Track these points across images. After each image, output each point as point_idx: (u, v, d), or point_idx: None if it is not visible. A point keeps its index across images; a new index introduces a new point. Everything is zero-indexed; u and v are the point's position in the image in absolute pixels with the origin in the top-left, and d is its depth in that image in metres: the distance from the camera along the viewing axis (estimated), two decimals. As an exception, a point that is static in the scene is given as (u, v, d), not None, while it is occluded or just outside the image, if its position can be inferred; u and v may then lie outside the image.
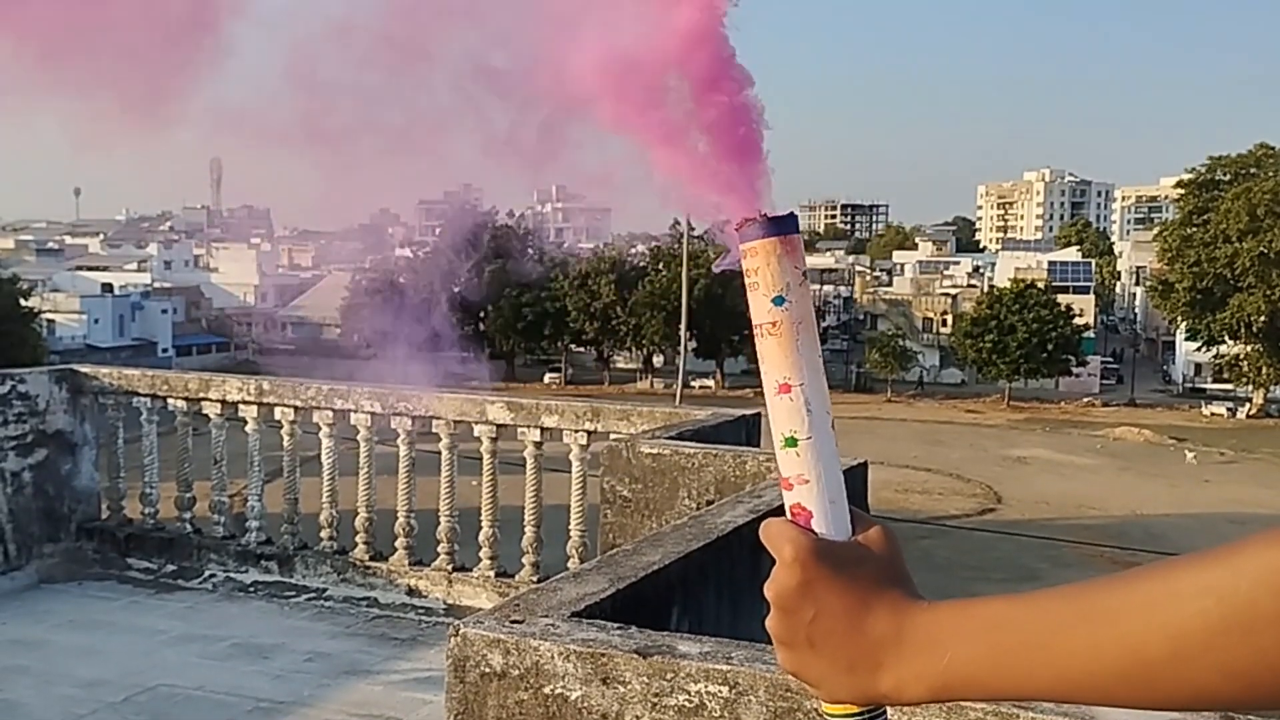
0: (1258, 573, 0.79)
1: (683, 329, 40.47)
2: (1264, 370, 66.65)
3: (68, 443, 9.82)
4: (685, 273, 32.90)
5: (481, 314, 79.60)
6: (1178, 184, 73.96)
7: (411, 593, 8.92)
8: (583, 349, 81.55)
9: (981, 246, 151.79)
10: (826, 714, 0.99)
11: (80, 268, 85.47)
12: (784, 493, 1.02)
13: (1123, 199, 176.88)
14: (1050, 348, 68.55)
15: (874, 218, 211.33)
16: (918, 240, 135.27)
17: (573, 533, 8.49)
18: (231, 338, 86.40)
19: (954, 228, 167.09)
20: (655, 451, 6.30)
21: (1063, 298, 73.09)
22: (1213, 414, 68.68)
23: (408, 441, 9.15)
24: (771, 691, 2.79)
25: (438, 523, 8.97)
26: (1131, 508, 41.05)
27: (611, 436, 7.74)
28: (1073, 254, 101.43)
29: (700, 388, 70.64)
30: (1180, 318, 71.16)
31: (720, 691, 2.84)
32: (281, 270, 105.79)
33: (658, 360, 78.49)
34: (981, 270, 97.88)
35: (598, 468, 6.86)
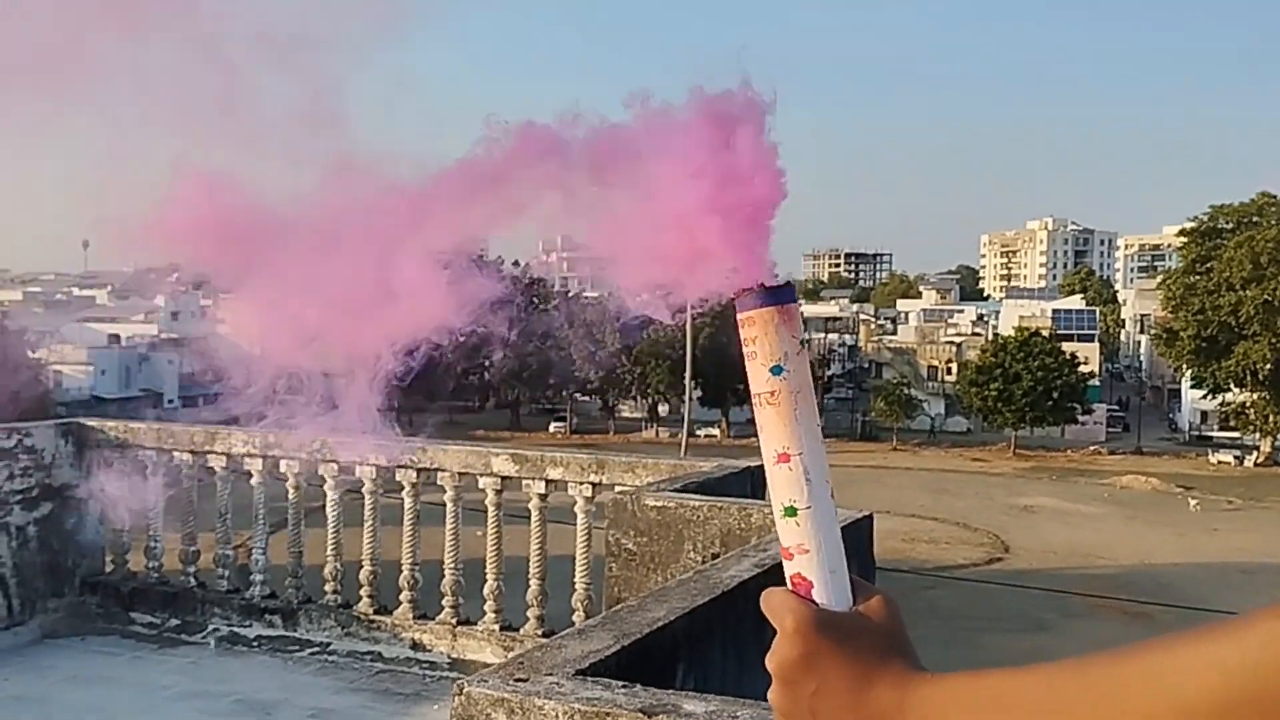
0: (1264, 648, 0.78)
1: (687, 378, 40.43)
2: (1270, 418, 66.42)
3: (73, 496, 9.81)
4: (689, 321, 32.92)
5: (486, 363, 79.69)
6: (1180, 232, 74.18)
7: (416, 647, 8.86)
8: (587, 398, 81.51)
9: (985, 295, 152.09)
10: None
11: (88, 319, 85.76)
12: (784, 562, 1.02)
13: (1125, 247, 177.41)
14: (1055, 395, 68.42)
15: (878, 266, 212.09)
16: (921, 288, 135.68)
17: (578, 586, 8.45)
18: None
19: (957, 276, 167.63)
20: (660, 504, 6.29)
21: (1067, 346, 73.05)
22: (1220, 462, 68.35)
23: (413, 494, 9.14)
24: (778, 751, 2.76)
25: (442, 575, 8.93)
26: (1140, 557, 40.77)
27: (616, 488, 7.72)
28: (1076, 302, 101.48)
29: (705, 437, 70.53)
30: (1185, 365, 71.05)
31: (726, 751, 2.82)
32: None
33: (663, 409, 78.40)
34: (985, 318, 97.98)
35: (603, 519, 6.84)
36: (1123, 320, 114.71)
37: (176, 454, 9.78)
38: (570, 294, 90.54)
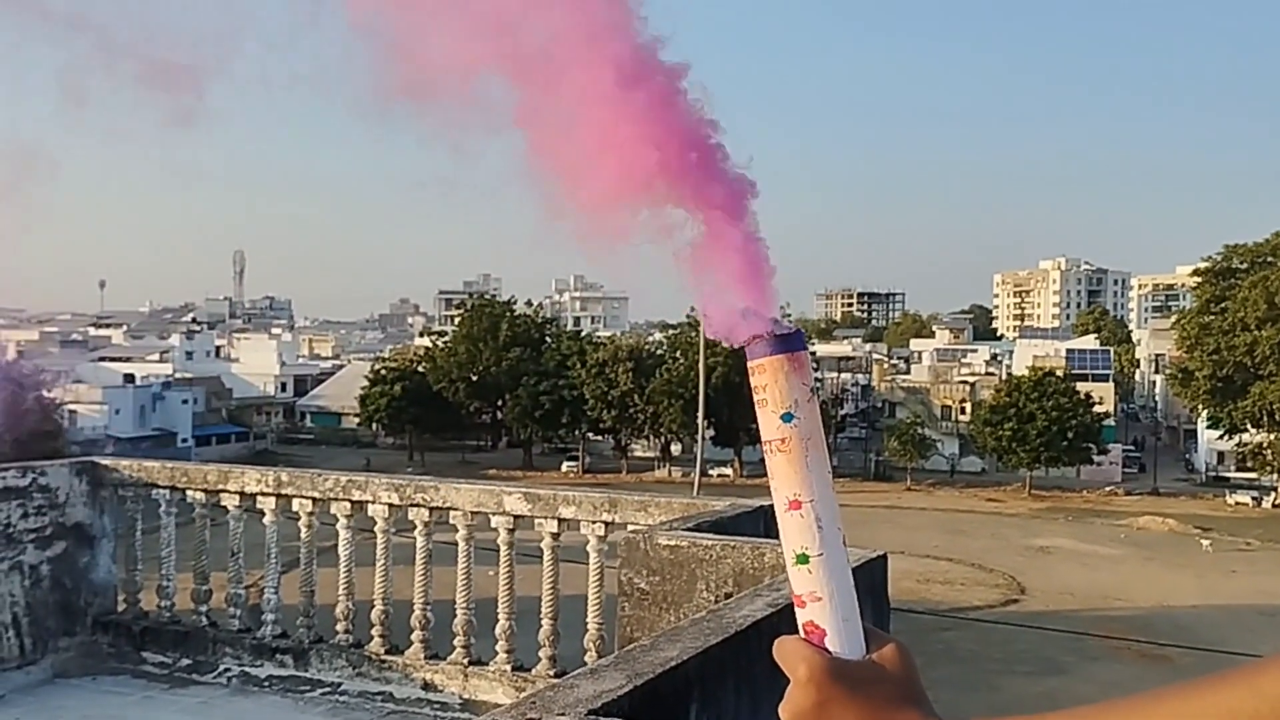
0: (1278, 696, 0.79)
1: (700, 417, 40.43)
2: (1288, 458, 65.98)
3: (86, 535, 9.82)
4: (703, 360, 32.93)
5: (500, 402, 79.82)
6: (1194, 272, 74.12)
7: (427, 687, 8.81)
8: (600, 437, 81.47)
9: (999, 334, 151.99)
10: None
11: (103, 358, 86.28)
12: (797, 610, 1.02)
13: (1139, 287, 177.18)
14: (1070, 436, 68.11)
15: (890, 306, 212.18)
16: (935, 328, 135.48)
17: (590, 625, 8.40)
18: (251, 427, 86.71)
19: (971, 316, 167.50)
20: (673, 543, 6.26)
21: (1082, 386, 72.81)
22: (1237, 503, 67.83)
23: (425, 533, 9.12)
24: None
25: (454, 615, 8.89)
26: (1158, 599, 40.39)
27: (629, 528, 7.70)
28: (1090, 342, 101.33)
29: (719, 476, 70.36)
30: (1201, 406, 70.74)
31: (740, 794, 2.79)
32: (301, 359, 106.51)
33: (675, 448, 78.32)
34: (999, 358, 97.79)
35: (615, 558, 6.81)
36: (1137, 360, 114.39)
37: (190, 493, 9.80)
38: (583, 333, 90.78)
